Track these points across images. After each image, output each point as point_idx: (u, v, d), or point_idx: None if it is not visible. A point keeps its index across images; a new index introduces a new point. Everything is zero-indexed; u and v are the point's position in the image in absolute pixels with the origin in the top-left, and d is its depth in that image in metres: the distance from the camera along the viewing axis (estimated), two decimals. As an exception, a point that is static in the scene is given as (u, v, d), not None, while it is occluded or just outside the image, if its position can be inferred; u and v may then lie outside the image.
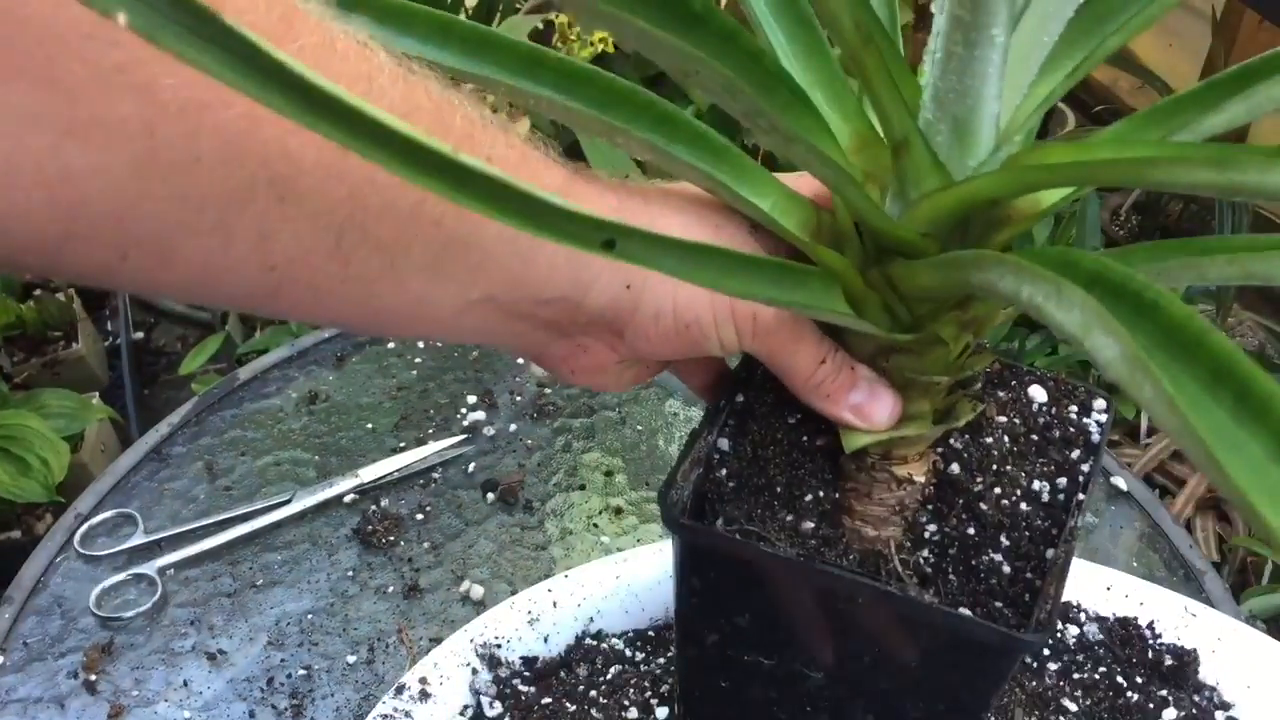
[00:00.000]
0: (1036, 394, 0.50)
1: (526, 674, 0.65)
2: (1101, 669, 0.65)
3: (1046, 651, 0.66)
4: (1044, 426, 0.49)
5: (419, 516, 0.82)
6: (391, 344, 0.96)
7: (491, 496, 0.83)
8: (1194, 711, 0.63)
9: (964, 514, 0.46)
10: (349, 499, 0.83)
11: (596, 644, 0.67)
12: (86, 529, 0.80)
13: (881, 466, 0.45)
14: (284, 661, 0.72)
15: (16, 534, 1.40)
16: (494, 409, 0.90)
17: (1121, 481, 0.85)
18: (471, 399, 0.91)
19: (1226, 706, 0.64)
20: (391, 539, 0.80)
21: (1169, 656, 0.65)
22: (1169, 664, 0.65)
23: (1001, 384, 0.50)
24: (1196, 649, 0.65)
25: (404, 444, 0.87)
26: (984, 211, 0.36)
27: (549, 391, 0.91)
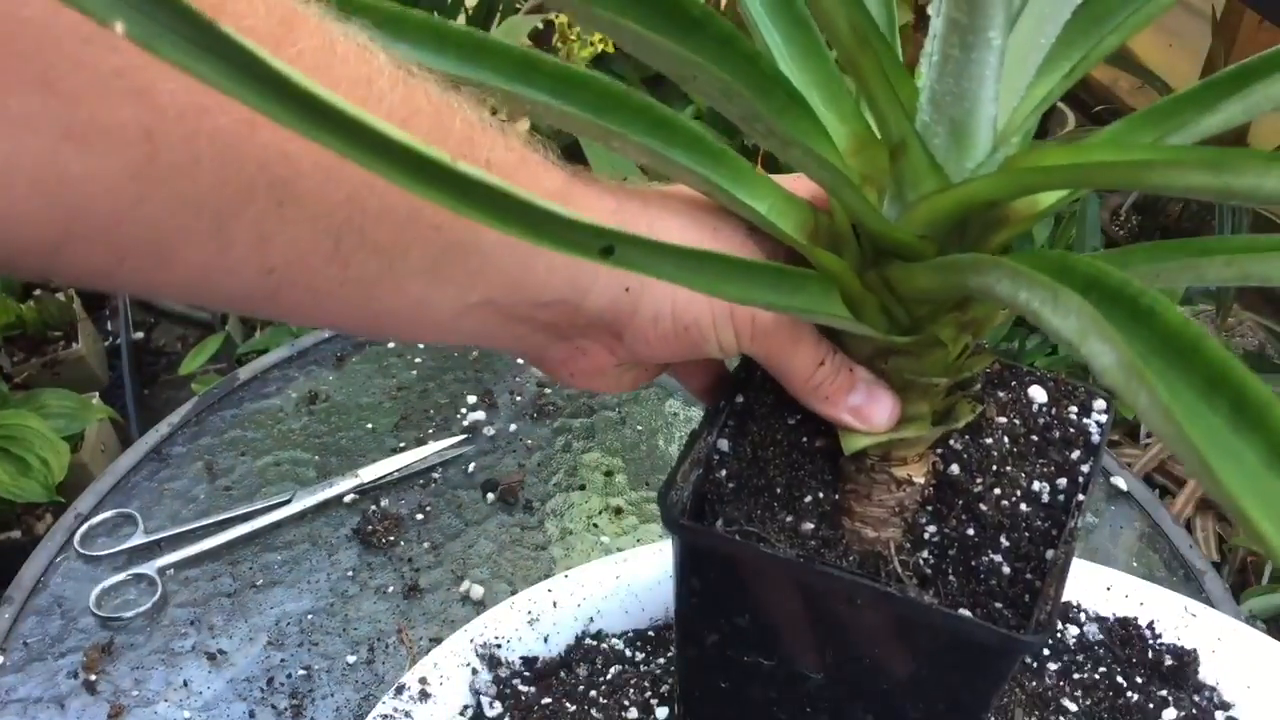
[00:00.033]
0: (1036, 394, 0.50)
1: (526, 674, 0.65)
2: (1101, 669, 0.65)
3: (1046, 651, 0.65)
4: (1044, 427, 0.49)
5: (419, 516, 0.82)
6: (391, 344, 0.96)
7: (491, 496, 0.83)
8: (1194, 711, 0.63)
9: (964, 515, 0.46)
10: (349, 499, 0.83)
11: (596, 644, 0.67)
12: (86, 529, 0.80)
13: (881, 468, 0.45)
14: (284, 661, 0.72)
15: (16, 534, 1.40)
16: (494, 409, 0.90)
17: (1121, 481, 0.85)
18: (471, 399, 0.91)
19: (1226, 706, 0.64)
20: (391, 539, 0.80)
21: (1169, 656, 0.65)
22: (1169, 664, 0.65)
23: (1001, 384, 0.50)
24: (1196, 649, 0.65)
25: (404, 444, 0.87)
26: (982, 213, 0.36)
27: (549, 391, 0.91)
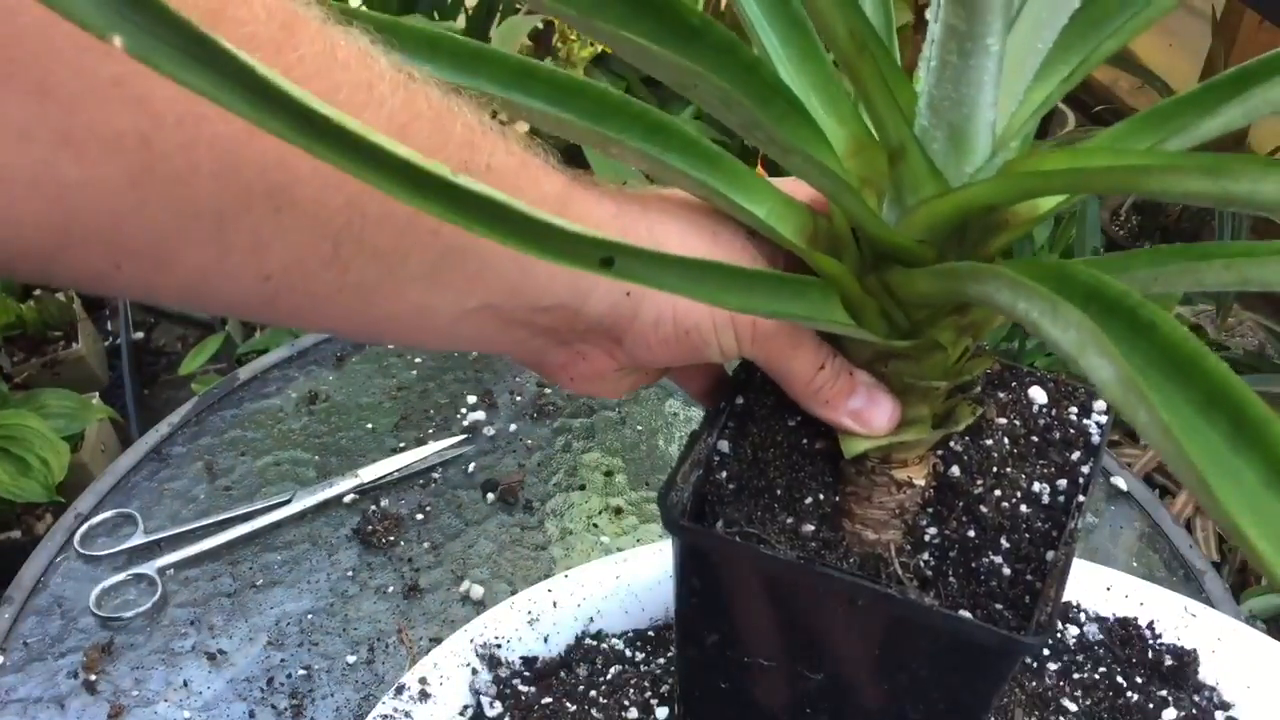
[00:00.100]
0: (1036, 395, 0.50)
1: (526, 674, 0.65)
2: (1101, 669, 0.65)
3: (1046, 652, 0.65)
4: (1044, 428, 0.49)
5: (419, 516, 0.82)
6: (391, 345, 0.96)
7: (491, 496, 0.83)
8: (1194, 711, 0.63)
9: (964, 516, 0.46)
10: (349, 499, 0.82)
11: (596, 644, 0.67)
12: (86, 529, 0.80)
13: (881, 470, 0.45)
14: (284, 661, 0.72)
15: (16, 534, 1.40)
16: (494, 409, 0.90)
17: (1121, 481, 0.85)
18: (471, 399, 0.91)
19: (1226, 706, 0.64)
20: (391, 539, 0.80)
21: (1169, 656, 0.65)
22: (1169, 664, 0.65)
23: (1001, 385, 0.50)
24: (1196, 649, 0.65)
25: (404, 444, 0.87)
26: (981, 217, 0.36)
27: (549, 391, 0.91)
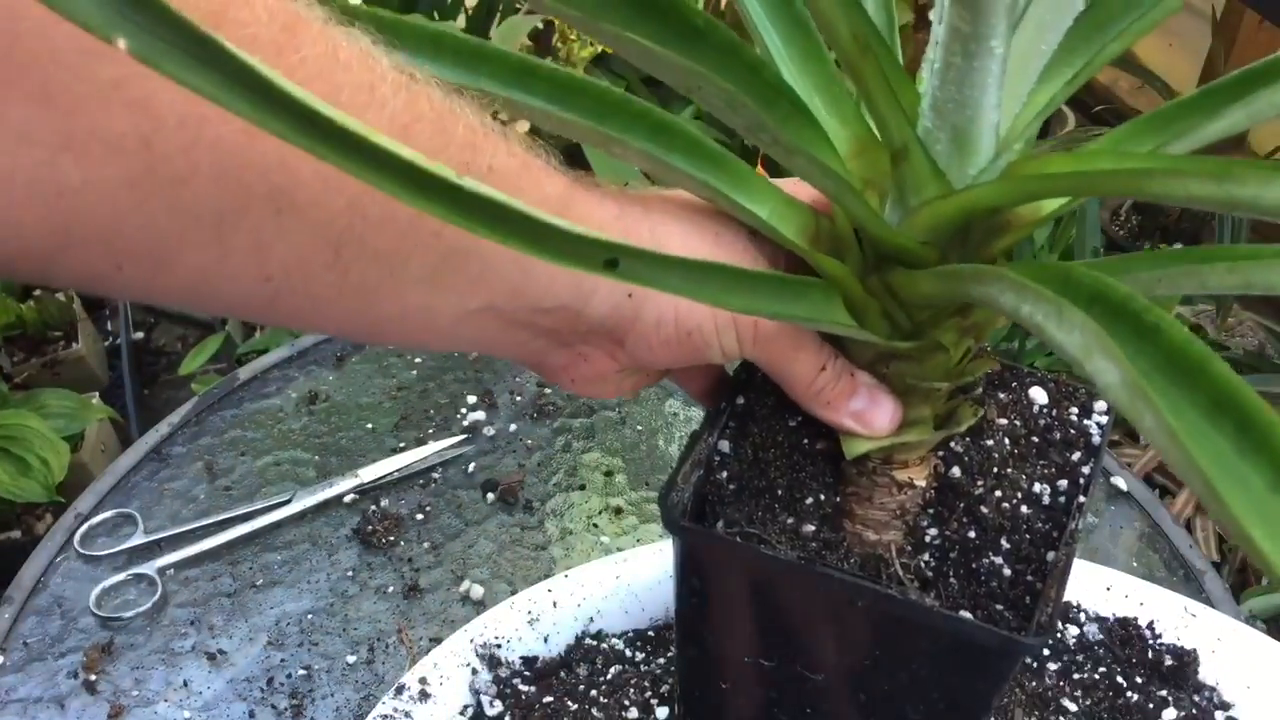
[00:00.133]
0: (1037, 395, 0.50)
1: (526, 674, 0.65)
2: (1101, 669, 0.65)
3: (1046, 652, 0.65)
4: (1044, 428, 0.49)
5: (419, 516, 0.82)
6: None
7: (491, 496, 0.83)
8: (1194, 712, 0.63)
9: (965, 517, 0.46)
10: (349, 499, 0.82)
11: (596, 644, 0.67)
12: (86, 529, 0.80)
13: (882, 471, 0.45)
14: (284, 661, 0.72)
15: (16, 534, 1.40)
16: (494, 409, 0.90)
17: (1121, 481, 0.85)
18: (471, 399, 0.91)
19: (1226, 707, 0.64)
20: (391, 539, 0.80)
21: (1169, 656, 0.65)
22: (1169, 664, 0.65)
23: (1002, 385, 0.50)
24: (1196, 649, 0.65)
25: (404, 444, 0.87)
26: (984, 219, 0.36)
27: (549, 391, 0.91)
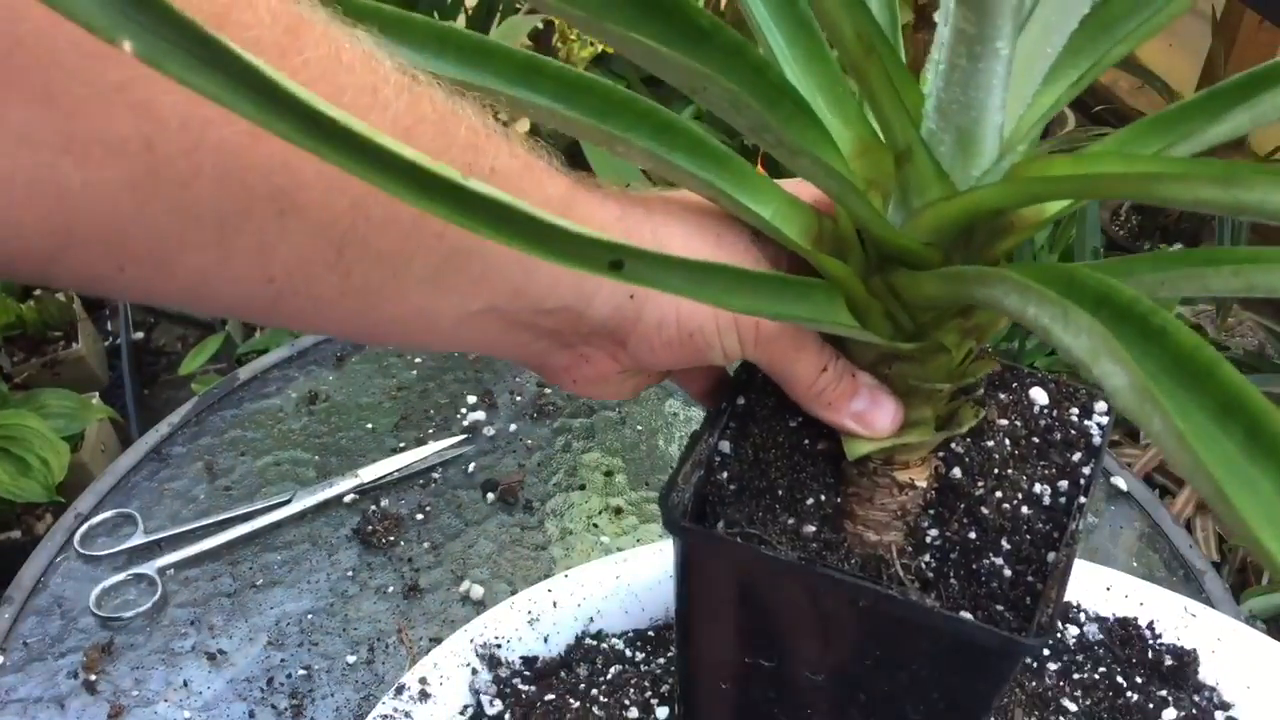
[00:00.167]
0: (1038, 396, 0.50)
1: (526, 674, 0.65)
2: (1101, 669, 0.65)
3: (1046, 652, 0.65)
4: (1045, 429, 0.49)
5: (419, 516, 0.82)
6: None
7: (491, 496, 0.83)
8: (1194, 712, 0.63)
9: (965, 518, 0.46)
10: (349, 499, 0.82)
11: (596, 644, 0.67)
12: (86, 529, 0.80)
13: (884, 472, 0.45)
14: (284, 661, 0.72)
15: (16, 534, 1.40)
16: (494, 409, 0.90)
17: (1121, 481, 0.85)
18: (471, 399, 0.90)
19: (1226, 707, 0.64)
20: (391, 539, 0.80)
21: (1169, 656, 0.65)
22: (1169, 664, 0.65)
23: (1002, 386, 0.50)
24: (1196, 649, 0.65)
25: (404, 444, 0.86)
26: (988, 221, 0.36)
27: (549, 391, 0.91)
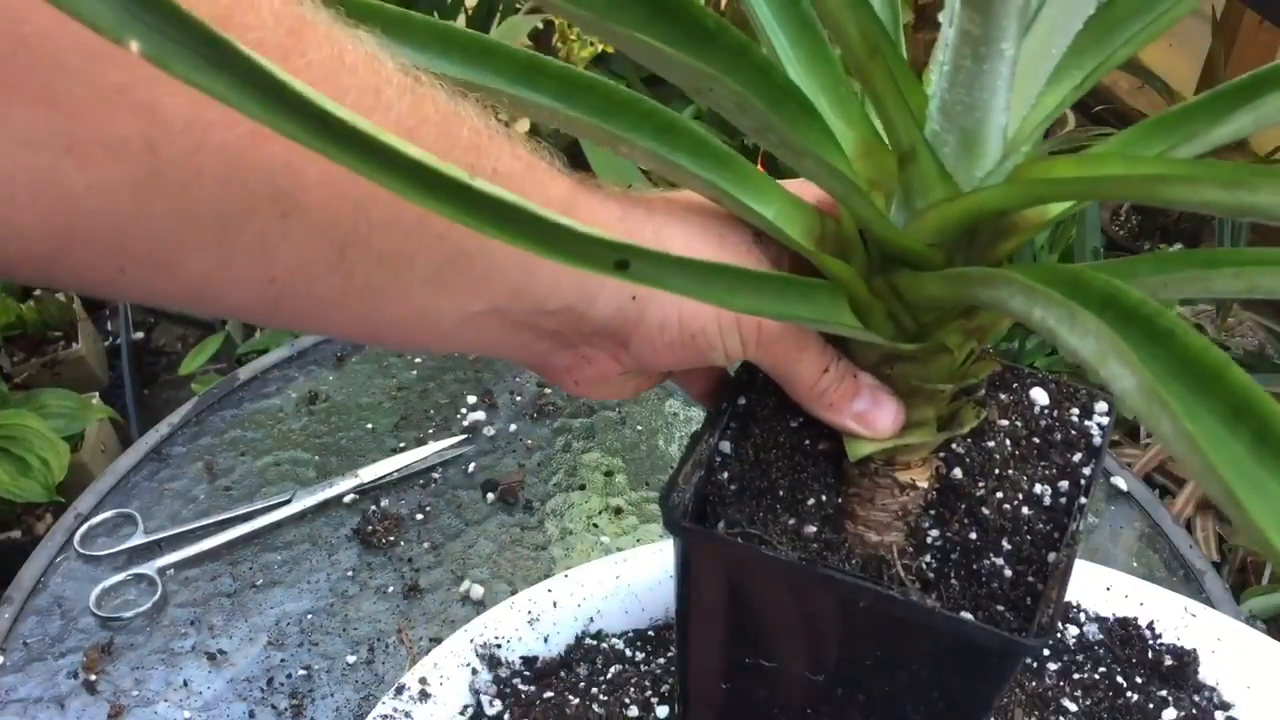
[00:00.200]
0: (1038, 396, 0.50)
1: (526, 674, 0.65)
2: (1101, 669, 0.65)
3: (1046, 652, 0.66)
4: (1045, 429, 0.49)
5: (419, 516, 0.82)
6: (391, 343, 0.96)
7: (491, 496, 0.83)
8: (1194, 712, 0.63)
9: (966, 519, 0.46)
10: (349, 499, 0.82)
11: (596, 644, 0.67)
12: (86, 529, 0.80)
13: (885, 472, 0.45)
14: (284, 661, 0.72)
15: (16, 534, 1.39)
16: (494, 409, 0.90)
17: (1121, 481, 0.85)
18: (471, 399, 0.90)
19: (1226, 707, 0.64)
20: (391, 539, 0.80)
21: (1169, 657, 0.65)
22: (1169, 664, 0.65)
23: (1003, 386, 0.50)
24: (1196, 649, 0.65)
25: (404, 444, 0.86)
26: (991, 222, 0.36)
27: (549, 391, 0.91)
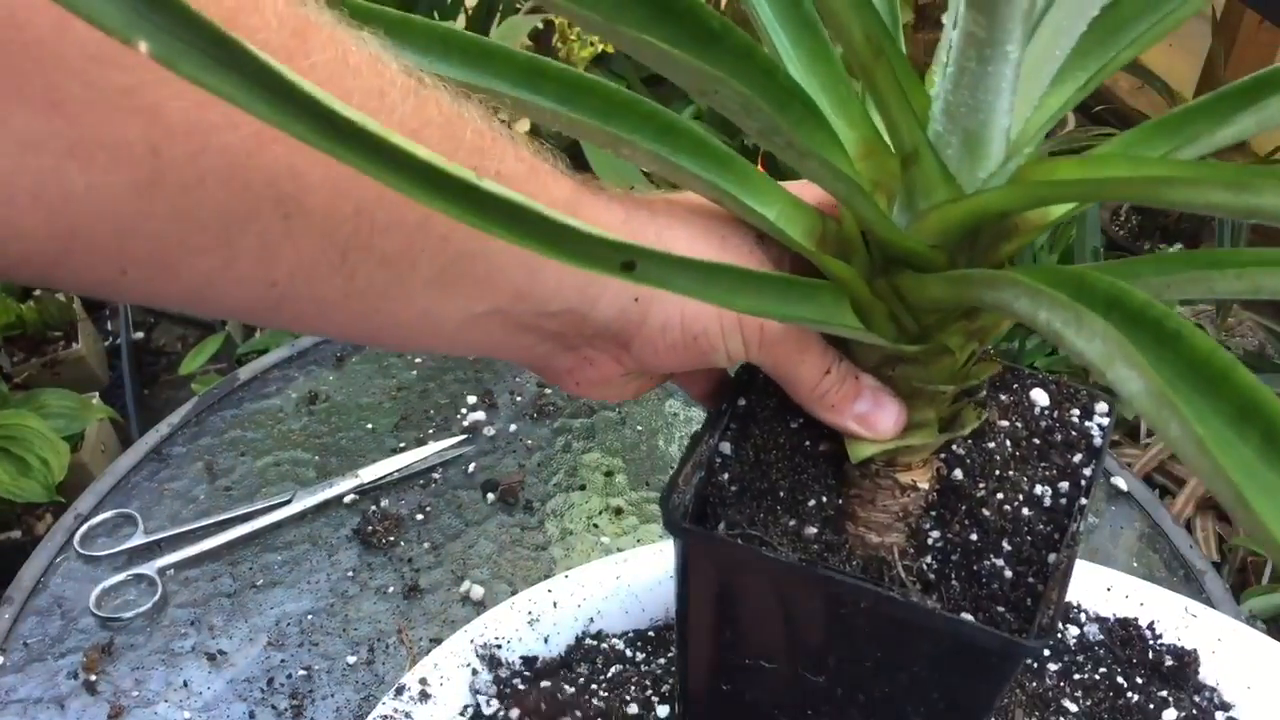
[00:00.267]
0: (1038, 397, 0.50)
1: (527, 674, 0.65)
2: (1102, 670, 0.65)
3: (1047, 652, 0.66)
4: (1046, 430, 0.49)
5: (419, 517, 0.82)
6: (391, 343, 0.96)
7: (491, 497, 0.83)
8: (1194, 712, 0.63)
9: (966, 520, 0.46)
10: (349, 499, 0.82)
11: (597, 644, 0.67)
12: (86, 529, 0.80)
13: (886, 474, 0.45)
14: (284, 662, 0.72)
15: (16, 534, 1.39)
16: (494, 409, 0.90)
17: (1122, 481, 0.85)
18: (471, 399, 0.90)
19: (1227, 707, 0.64)
20: (391, 539, 0.80)
21: (1169, 657, 0.65)
22: (1169, 664, 0.65)
23: (1003, 387, 0.50)
24: (1197, 649, 0.65)
25: (404, 444, 0.86)
26: (993, 223, 0.36)
27: (549, 392, 0.91)
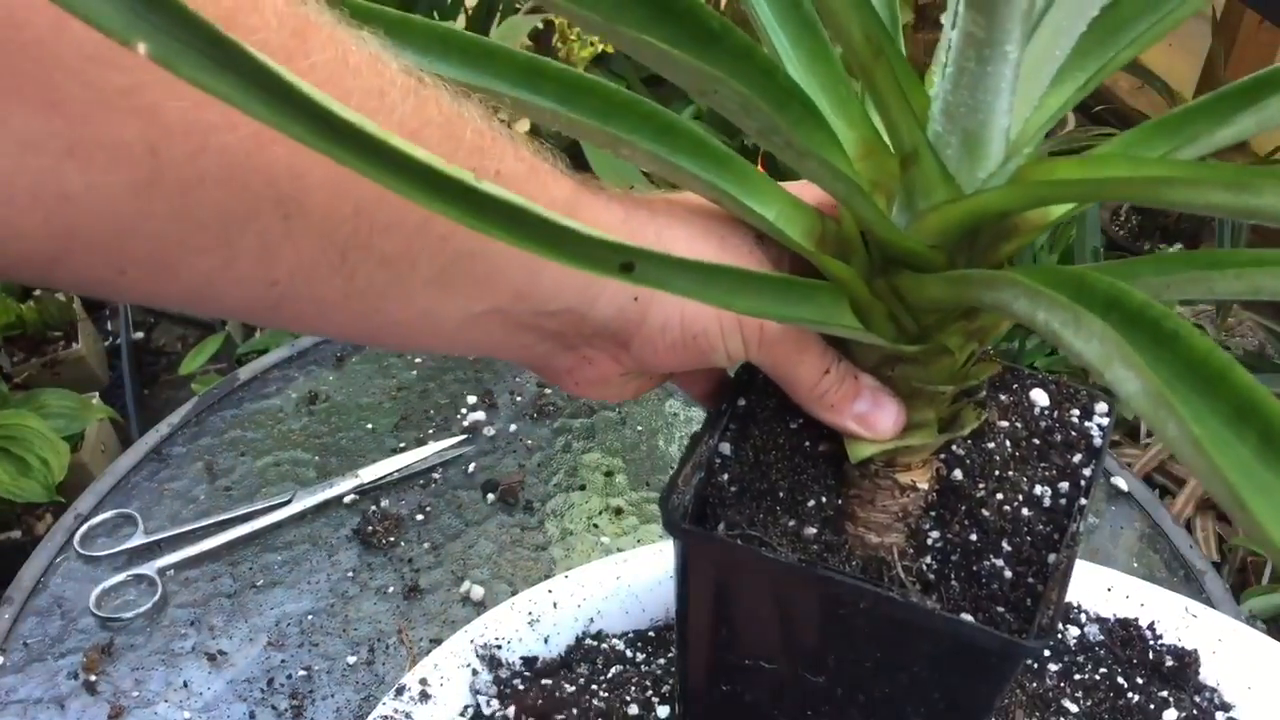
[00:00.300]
0: (1038, 397, 0.50)
1: (527, 674, 0.65)
2: (1102, 670, 0.65)
3: (1047, 652, 0.66)
4: (1046, 430, 0.49)
5: (419, 517, 0.82)
6: (391, 343, 0.96)
7: (491, 497, 0.83)
8: (1195, 712, 0.63)
9: (966, 520, 0.46)
10: (349, 499, 0.82)
11: (597, 644, 0.67)
12: (86, 529, 0.80)
13: (885, 474, 0.45)
14: (284, 662, 0.72)
15: (16, 534, 1.39)
16: (494, 409, 0.90)
17: (1122, 481, 0.85)
18: (471, 399, 0.90)
19: (1227, 707, 0.64)
20: (391, 539, 0.80)
21: (1170, 657, 0.65)
22: (1170, 665, 0.65)
23: (1003, 387, 0.50)
24: (1197, 650, 0.65)
25: (404, 444, 0.86)
26: (993, 223, 0.36)
27: (549, 392, 0.91)
